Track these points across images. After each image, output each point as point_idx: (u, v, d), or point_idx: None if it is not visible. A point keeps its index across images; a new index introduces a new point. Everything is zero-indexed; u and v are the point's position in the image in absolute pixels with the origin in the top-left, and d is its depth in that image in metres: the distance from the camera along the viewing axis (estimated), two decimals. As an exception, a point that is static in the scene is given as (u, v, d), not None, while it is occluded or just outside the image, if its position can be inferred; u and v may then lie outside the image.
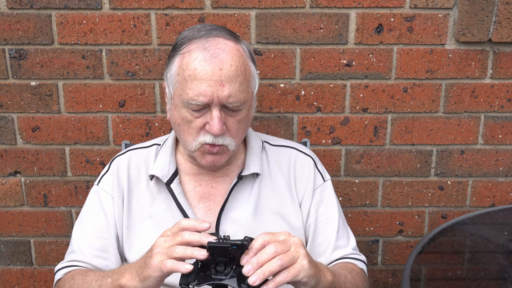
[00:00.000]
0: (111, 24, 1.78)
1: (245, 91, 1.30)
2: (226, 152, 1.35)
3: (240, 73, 1.28)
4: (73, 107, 1.86)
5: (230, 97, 1.27)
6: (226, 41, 1.29)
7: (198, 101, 1.26)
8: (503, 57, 1.82)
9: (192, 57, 1.27)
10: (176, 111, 1.33)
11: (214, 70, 1.25)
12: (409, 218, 2.00)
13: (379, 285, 2.08)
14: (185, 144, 1.36)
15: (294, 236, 1.12)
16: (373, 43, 1.80)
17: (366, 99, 1.86)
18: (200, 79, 1.26)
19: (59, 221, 1.98)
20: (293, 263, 1.08)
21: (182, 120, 1.32)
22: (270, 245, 1.07)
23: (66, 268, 1.41)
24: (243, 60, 1.30)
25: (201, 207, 1.42)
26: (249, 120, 1.38)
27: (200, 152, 1.34)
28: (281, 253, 1.06)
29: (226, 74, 1.26)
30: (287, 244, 1.09)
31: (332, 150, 1.91)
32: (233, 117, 1.31)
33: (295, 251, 1.09)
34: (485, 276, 1.64)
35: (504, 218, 1.92)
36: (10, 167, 1.93)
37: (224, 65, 1.26)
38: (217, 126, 1.27)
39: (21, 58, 1.81)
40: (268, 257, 1.05)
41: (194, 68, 1.26)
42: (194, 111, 1.29)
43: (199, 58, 1.26)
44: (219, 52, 1.27)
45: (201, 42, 1.28)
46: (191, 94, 1.26)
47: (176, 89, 1.31)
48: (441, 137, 1.90)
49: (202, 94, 1.26)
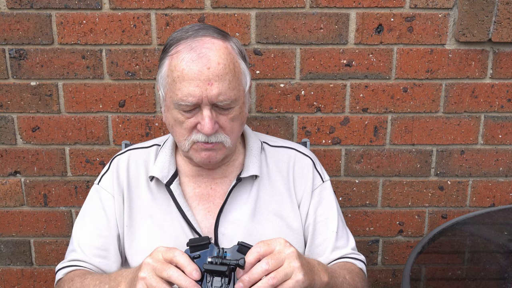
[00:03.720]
0: (111, 24, 1.78)
1: (236, 88, 1.30)
2: (222, 148, 1.34)
3: (229, 71, 1.28)
4: (73, 107, 1.86)
5: (220, 95, 1.27)
6: (213, 40, 1.29)
7: (188, 102, 1.27)
8: (503, 57, 1.82)
9: (179, 58, 1.28)
10: (169, 113, 1.34)
11: (202, 70, 1.25)
12: (409, 218, 2.00)
13: (379, 285, 2.08)
14: (179, 144, 1.36)
15: (290, 246, 1.11)
16: (373, 43, 1.80)
17: (366, 99, 1.86)
18: (188, 80, 1.26)
19: (59, 221, 1.98)
20: (287, 279, 1.07)
21: (175, 121, 1.33)
22: (262, 262, 1.06)
23: (66, 268, 1.41)
24: (232, 57, 1.30)
25: (200, 208, 1.42)
26: (243, 117, 1.37)
27: (194, 150, 1.34)
28: (273, 270, 1.06)
29: (214, 72, 1.26)
30: (280, 258, 1.08)
31: (332, 150, 1.91)
32: (225, 116, 1.31)
33: (288, 267, 1.08)
34: (485, 276, 1.64)
35: (504, 218, 1.92)
36: (10, 167, 1.93)
37: (212, 64, 1.26)
38: (208, 126, 1.27)
39: (21, 58, 1.81)
40: (259, 276, 1.06)
41: (182, 69, 1.26)
42: (185, 112, 1.29)
43: (186, 59, 1.27)
44: (206, 51, 1.27)
45: (188, 43, 1.29)
46: (180, 95, 1.27)
47: (167, 91, 1.32)
48: (441, 137, 1.90)
49: (190, 95, 1.26)
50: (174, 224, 1.39)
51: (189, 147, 1.33)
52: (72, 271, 1.39)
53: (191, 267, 1.06)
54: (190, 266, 1.06)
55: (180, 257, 1.08)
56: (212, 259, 1.05)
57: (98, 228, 1.43)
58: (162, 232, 1.39)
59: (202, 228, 1.39)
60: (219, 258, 1.05)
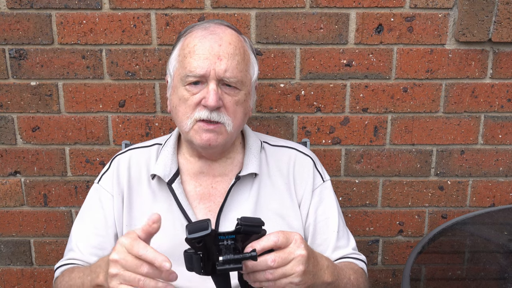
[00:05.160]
0: (111, 24, 1.78)
1: (243, 70, 1.34)
2: (223, 133, 1.34)
3: (239, 53, 1.33)
4: (73, 107, 1.86)
5: (227, 71, 1.30)
6: (226, 28, 1.36)
7: (196, 73, 1.30)
8: (503, 57, 1.82)
9: (192, 36, 1.35)
10: (175, 94, 1.36)
11: (213, 45, 1.31)
12: (409, 218, 2.00)
13: (379, 285, 2.08)
14: (181, 125, 1.36)
15: (303, 247, 1.10)
16: (373, 43, 1.80)
17: (366, 99, 1.86)
18: (199, 53, 1.31)
19: (59, 221, 1.98)
20: (283, 277, 1.08)
21: (179, 100, 1.34)
22: (270, 258, 1.06)
23: (64, 266, 1.41)
24: (242, 44, 1.37)
25: (201, 207, 1.42)
26: (247, 108, 1.39)
27: (195, 130, 1.33)
28: (277, 267, 1.07)
29: (224, 50, 1.31)
30: (288, 258, 1.08)
31: (332, 150, 1.91)
32: (231, 96, 1.33)
33: (290, 269, 1.08)
34: (485, 276, 1.64)
35: (504, 218, 1.92)
36: (10, 167, 1.93)
37: (223, 42, 1.32)
38: (213, 98, 1.28)
39: (21, 58, 1.81)
40: (262, 268, 1.07)
41: (194, 44, 1.32)
42: (191, 86, 1.32)
43: (199, 36, 1.33)
44: (218, 31, 1.34)
45: (201, 26, 1.36)
46: (189, 67, 1.31)
47: (176, 70, 1.37)
48: (441, 137, 1.90)
49: (199, 66, 1.30)
50: (174, 223, 1.39)
51: (191, 126, 1.33)
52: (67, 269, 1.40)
53: (159, 259, 1.00)
54: (159, 259, 1.00)
55: (145, 251, 1.01)
56: (224, 257, 1.02)
57: (96, 227, 1.43)
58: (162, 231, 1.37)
59: (203, 227, 1.39)
60: (231, 254, 1.02)
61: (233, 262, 1.02)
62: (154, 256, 1.01)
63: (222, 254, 1.02)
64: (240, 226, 1.05)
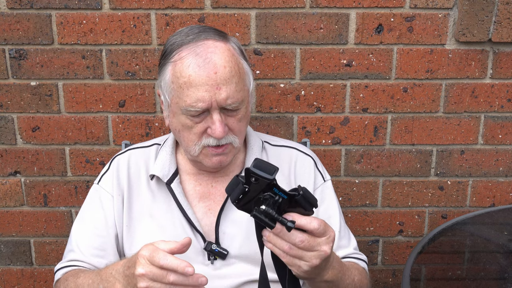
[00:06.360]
0: (111, 24, 1.78)
1: (242, 89, 1.31)
2: (231, 150, 1.35)
3: (235, 73, 1.29)
4: (73, 107, 1.86)
5: (228, 98, 1.27)
6: (216, 43, 1.29)
7: (197, 107, 1.27)
8: (503, 57, 1.82)
9: (185, 64, 1.27)
10: (175, 118, 1.34)
11: (209, 75, 1.26)
12: (409, 218, 2.00)
13: (379, 285, 2.08)
14: (187, 149, 1.36)
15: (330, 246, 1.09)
16: (373, 43, 1.80)
17: (366, 99, 1.86)
18: (196, 86, 1.26)
19: (59, 221, 1.98)
20: (297, 258, 1.07)
21: (182, 127, 1.32)
22: (300, 237, 1.05)
23: (65, 268, 1.41)
24: (235, 59, 1.31)
25: (201, 206, 1.42)
26: (248, 116, 1.38)
27: (204, 155, 1.34)
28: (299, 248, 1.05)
29: (221, 77, 1.26)
30: (314, 248, 1.07)
31: (332, 150, 1.91)
32: (233, 117, 1.32)
33: (308, 257, 1.07)
34: (485, 276, 1.65)
35: (504, 218, 1.92)
36: (10, 167, 1.93)
37: (218, 68, 1.26)
38: (219, 129, 1.28)
39: (21, 58, 1.81)
40: (286, 239, 1.05)
41: (189, 75, 1.26)
42: (193, 117, 1.29)
43: (192, 65, 1.26)
44: (211, 55, 1.27)
45: (191, 48, 1.28)
46: (189, 101, 1.27)
47: (172, 97, 1.32)
48: (441, 137, 1.90)
49: (200, 100, 1.26)
50: (174, 223, 1.39)
51: (199, 151, 1.34)
52: (68, 272, 1.39)
53: (182, 265, 1.03)
54: (181, 265, 1.03)
55: (165, 261, 1.04)
56: (266, 209, 1.00)
57: (96, 228, 1.43)
58: (162, 231, 1.39)
59: (203, 226, 1.39)
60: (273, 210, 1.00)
61: (270, 218, 1.01)
62: (176, 264, 1.03)
63: (265, 204, 1.01)
64: (297, 194, 1.03)
